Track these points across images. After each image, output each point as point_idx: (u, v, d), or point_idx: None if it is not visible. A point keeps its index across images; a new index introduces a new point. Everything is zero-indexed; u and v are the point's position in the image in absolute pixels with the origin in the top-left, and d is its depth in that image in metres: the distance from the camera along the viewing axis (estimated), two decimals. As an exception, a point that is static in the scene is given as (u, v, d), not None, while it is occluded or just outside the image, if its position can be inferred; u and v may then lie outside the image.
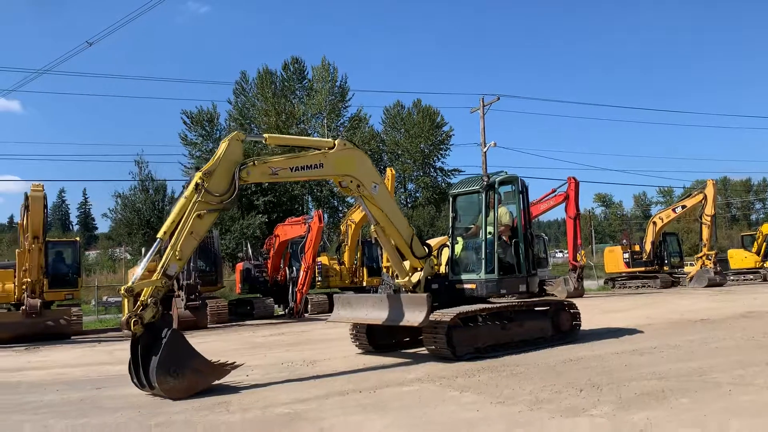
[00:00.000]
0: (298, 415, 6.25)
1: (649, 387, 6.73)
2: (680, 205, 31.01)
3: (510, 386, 7.18)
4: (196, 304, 18.23)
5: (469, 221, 11.08)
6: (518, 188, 10.76)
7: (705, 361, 8.27)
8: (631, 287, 31.38)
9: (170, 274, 7.55)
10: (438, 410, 6.18)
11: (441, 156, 65.42)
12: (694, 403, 5.94)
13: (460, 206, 11.01)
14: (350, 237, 24.29)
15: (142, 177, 45.11)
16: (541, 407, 6.07)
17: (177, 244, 7.64)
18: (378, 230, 9.77)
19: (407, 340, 11.12)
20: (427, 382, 7.74)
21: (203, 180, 7.83)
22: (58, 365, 11.39)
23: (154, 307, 7.30)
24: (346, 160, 9.17)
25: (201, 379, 7.51)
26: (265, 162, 8.57)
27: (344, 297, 10.85)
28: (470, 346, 9.37)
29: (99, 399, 7.65)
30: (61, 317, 17.08)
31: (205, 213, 7.85)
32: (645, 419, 5.40)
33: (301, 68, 58.95)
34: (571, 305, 11.16)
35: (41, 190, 15.81)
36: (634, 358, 8.82)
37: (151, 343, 7.26)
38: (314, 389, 7.58)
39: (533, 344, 10.14)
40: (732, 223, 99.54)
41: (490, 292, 9.97)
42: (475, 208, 10.80)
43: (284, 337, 14.65)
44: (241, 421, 6.11)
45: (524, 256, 10.51)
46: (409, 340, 11.10)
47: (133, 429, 5.96)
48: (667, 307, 18.00)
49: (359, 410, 6.35)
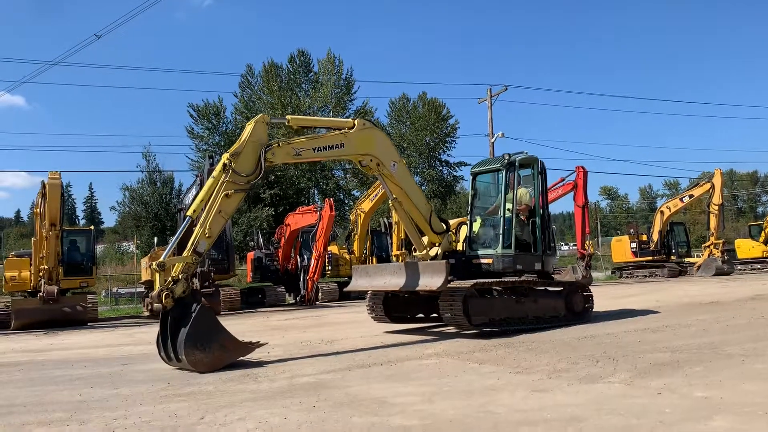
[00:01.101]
0: (324, 384, 6.46)
1: (663, 358, 6.92)
2: (688, 194, 31.09)
3: (527, 359, 7.38)
4: (209, 291, 18.44)
5: (488, 201, 11.30)
6: (537, 169, 11.00)
7: (717, 336, 8.45)
8: (638, 277, 31.52)
9: (200, 251, 7.78)
10: (459, 379, 6.38)
11: (447, 149, 65.54)
12: (708, 371, 6.12)
13: (480, 185, 11.23)
14: (360, 226, 24.52)
15: (150, 169, 45.46)
16: (559, 375, 6.26)
17: (206, 222, 7.88)
18: (396, 204, 10.03)
19: (421, 316, 11.43)
20: (446, 356, 7.94)
21: (230, 161, 8.08)
22: (81, 347, 11.65)
23: (185, 282, 7.54)
24: (365, 140, 9.40)
25: (226, 355, 7.74)
26: (289, 143, 8.80)
27: (362, 267, 11.22)
28: (485, 317, 9.59)
29: (128, 373, 7.88)
30: (78, 304, 17.35)
31: (233, 193, 8.10)
32: (662, 384, 5.59)
33: (306, 61, 58.94)
34: (584, 287, 11.37)
35: (58, 177, 16.04)
36: (647, 335, 9.00)
37: (181, 317, 7.49)
38: (337, 363, 7.79)
39: (547, 322, 10.36)
40: (738, 215, 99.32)
41: (506, 266, 10.16)
42: (495, 187, 11.03)
43: (299, 321, 14.89)
44: (269, 389, 6.32)
45: (541, 235, 10.74)
46: (423, 317, 11.45)
47: (161, 397, 6.16)
48: (677, 292, 18.17)
49: (383, 379, 6.56)
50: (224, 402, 5.76)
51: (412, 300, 11.27)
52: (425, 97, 64.61)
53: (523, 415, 4.80)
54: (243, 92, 56.29)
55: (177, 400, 5.94)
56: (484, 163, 11.68)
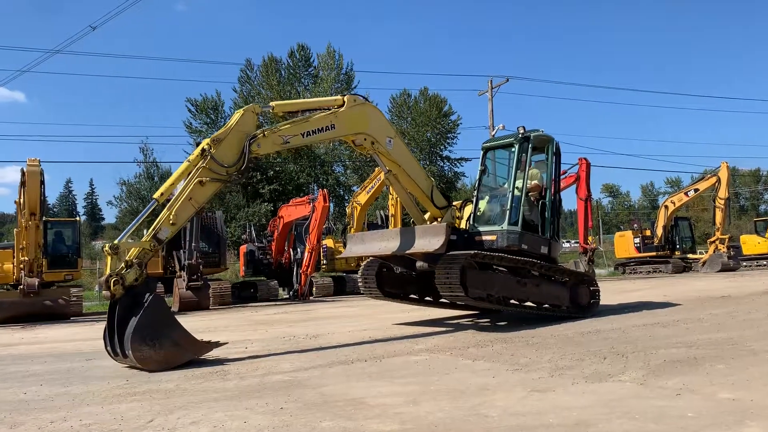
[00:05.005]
0: (298, 382, 5.77)
1: (678, 355, 6.21)
2: (693, 188, 30.26)
3: (526, 355, 6.68)
4: (198, 284, 17.80)
5: (497, 180, 10.69)
6: (552, 150, 10.37)
7: (735, 332, 7.73)
8: (641, 272, 30.80)
9: (161, 237, 7.04)
10: (450, 377, 5.68)
11: (448, 144, 64.72)
12: (731, 369, 5.41)
13: (490, 161, 10.59)
14: (356, 219, 23.76)
15: (147, 163, 44.81)
16: (562, 373, 5.56)
17: (173, 208, 7.17)
18: (391, 178, 9.52)
19: (414, 297, 10.92)
20: (437, 352, 7.24)
21: (210, 146, 7.40)
22: (52, 341, 10.98)
23: (139, 269, 6.74)
24: (358, 118, 8.74)
25: (179, 353, 6.90)
26: (275, 131, 8.10)
27: (358, 234, 10.80)
28: (483, 291, 8.93)
29: (88, 369, 7.20)
30: (59, 297, 16.67)
31: (208, 181, 7.43)
32: (680, 384, 4.88)
33: (306, 56, 58.26)
34: (591, 281, 10.67)
35: (38, 165, 15.33)
36: (658, 329, 8.29)
37: (131, 308, 6.68)
38: (317, 359, 7.10)
39: (548, 311, 9.77)
40: (741, 213, 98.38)
41: (511, 243, 9.44)
42: (506, 164, 10.37)
43: (287, 315, 14.18)
44: (236, 387, 5.62)
45: (551, 219, 10.09)
46: (417, 297, 10.92)
47: (113, 396, 5.48)
48: (683, 287, 17.44)
49: (364, 377, 5.86)
50: (181, 402, 5.06)
51: (407, 277, 10.71)
52: (426, 92, 63.80)
53: (521, 419, 4.10)
54: (242, 87, 55.68)
55: (129, 400, 5.25)
56: (496, 138, 10.98)
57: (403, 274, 10.68)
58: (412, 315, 11.56)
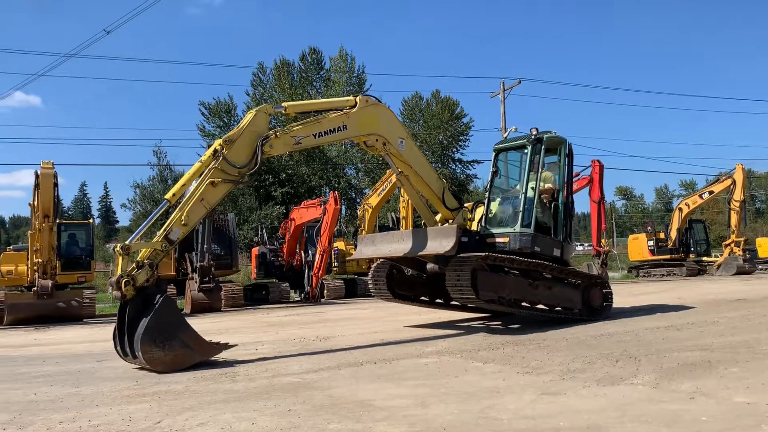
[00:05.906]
0: (307, 384, 5.74)
1: (692, 358, 6.12)
2: (708, 191, 29.88)
3: (537, 358, 6.60)
4: (210, 286, 17.86)
5: (509, 182, 10.63)
6: (565, 151, 10.28)
7: (750, 335, 7.61)
8: (655, 275, 30.47)
9: (172, 238, 7.04)
10: (460, 379, 5.63)
11: (460, 147, 64.55)
12: (747, 372, 5.31)
13: (502, 162, 10.52)
14: (367, 221, 23.74)
15: (161, 166, 45.06)
16: (574, 376, 5.49)
17: (185, 209, 7.17)
18: (402, 179, 9.47)
19: (425, 299, 10.86)
20: (447, 354, 7.19)
21: (223, 147, 7.39)
22: (65, 342, 11.03)
23: (150, 270, 6.75)
24: (369, 118, 8.72)
25: (188, 355, 6.89)
26: (287, 132, 8.07)
27: (369, 236, 10.68)
28: (494, 293, 8.85)
29: (99, 370, 7.22)
30: (72, 299, 16.77)
31: (220, 182, 7.41)
32: (694, 387, 4.80)
33: (318, 58, 58.45)
34: (604, 283, 10.56)
35: (51, 167, 15.44)
36: (671, 332, 8.18)
37: (142, 309, 6.70)
38: (327, 361, 7.07)
39: (560, 313, 9.70)
40: (756, 216, 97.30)
41: (523, 245, 9.36)
42: (518, 166, 10.29)
43: (298, 318, 14.17)
44: (245, 389, 5.60)
45: (563, 221, 10.03)
46: (428, 300, 10.84)
47: (123, 397, 5.48)
48: (698, 290, 17.24)
49: (373, 379, 5.82)
50: (190, 404, 5.05)
51: (417, 279, 10.67)
52: (438, 95, 63.72)
53: (531, 422, 4.04)
54: (255, 90, 55.87)
55: (138, 401, 5.25)
56: (508, 139, 10.91)
57: (413, 276, 10.64)
58: (424, 317, 11.52)
